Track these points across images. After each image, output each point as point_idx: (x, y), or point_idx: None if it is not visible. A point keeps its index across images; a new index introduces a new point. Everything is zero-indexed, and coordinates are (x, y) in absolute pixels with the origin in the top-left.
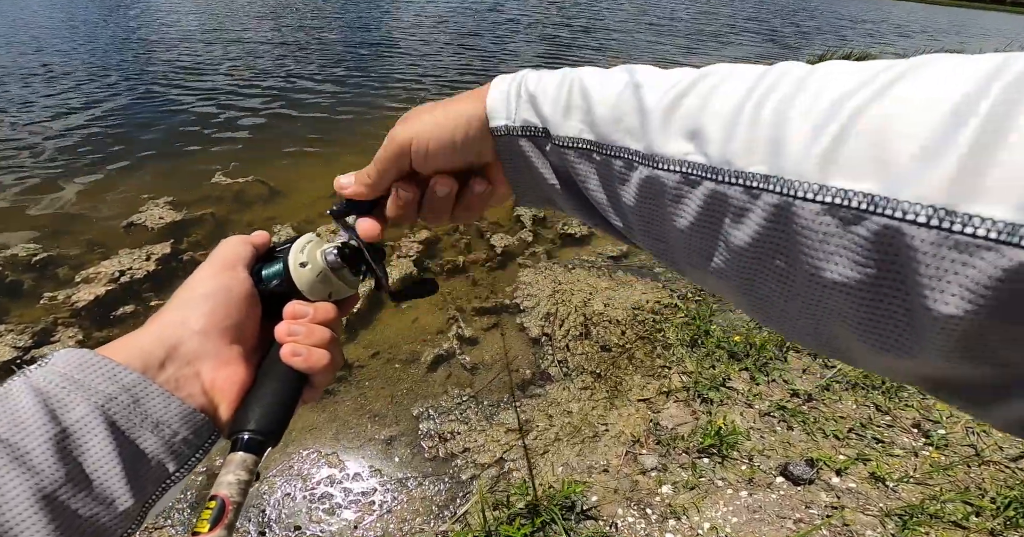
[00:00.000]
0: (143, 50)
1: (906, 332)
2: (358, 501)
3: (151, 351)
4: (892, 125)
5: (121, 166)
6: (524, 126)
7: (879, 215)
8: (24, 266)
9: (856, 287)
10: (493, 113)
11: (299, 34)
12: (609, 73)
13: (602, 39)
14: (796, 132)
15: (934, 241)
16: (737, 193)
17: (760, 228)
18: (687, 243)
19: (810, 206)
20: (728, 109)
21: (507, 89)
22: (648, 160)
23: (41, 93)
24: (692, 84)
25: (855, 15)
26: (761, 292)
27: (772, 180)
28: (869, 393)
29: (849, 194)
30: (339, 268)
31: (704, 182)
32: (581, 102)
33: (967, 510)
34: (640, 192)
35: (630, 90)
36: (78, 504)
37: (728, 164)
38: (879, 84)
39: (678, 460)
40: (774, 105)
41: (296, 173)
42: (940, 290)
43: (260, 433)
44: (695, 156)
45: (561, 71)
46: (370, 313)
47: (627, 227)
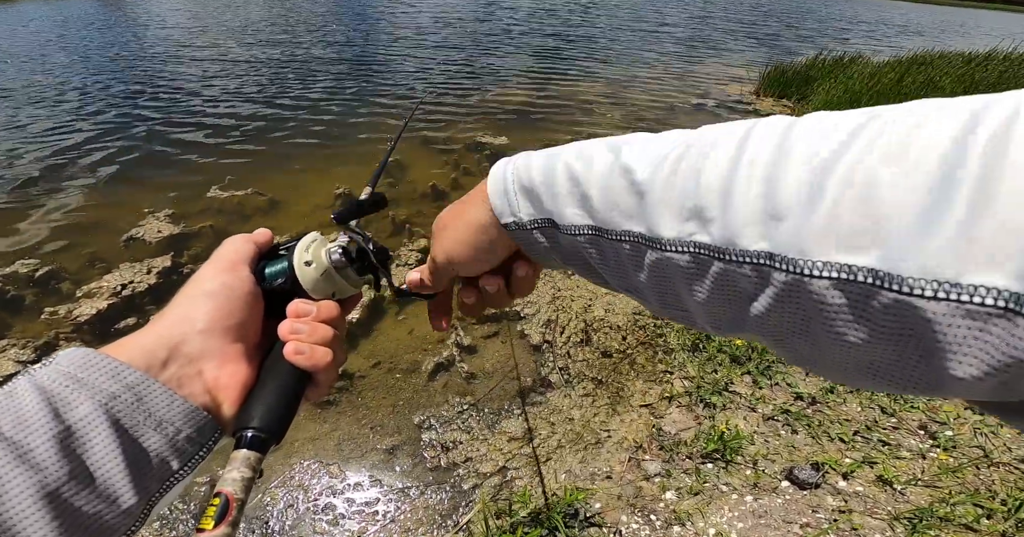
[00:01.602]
0: (139, 65)
1: (934, 387)
2: (361, 511)
3: (154, 350)
4: (879, 194)
5: (120, 180)
6: (531, 220)
7: (887, 290)
8: (25, 281)
9: (880, 350)
10: (499, 213)
11: (294, 49)
12: (593, 151)
13: (596, 48)
14: (789, 206)
15: (946, 312)
16: (747, 271)
17: (777, 302)
18: (708, 313)
19: (819, 282)
20: (719, 184)
21: (502, 187)
22: (654, 243)
23: (39, 108)
24: (679, 158)
25: (852, 16)
26: (790, 346)
27: (777, 258)
28: (874, 395)
29: (854, 269)
30: (343, 267)
31: (714, 262)
32: (573, 189)
33: (977, 512)
34: (652, 273)
35: (618, 172)
36: (81, 502)
37: (732, 244)
38: (860, 146)
39: (682, 466)
40: (761, 177)
41: (294, 184)
42: (961, 356)
43: (263, 430)
44: (700, 236)
45: (544, 156)
46: (370, 323)
47: (648, 302)
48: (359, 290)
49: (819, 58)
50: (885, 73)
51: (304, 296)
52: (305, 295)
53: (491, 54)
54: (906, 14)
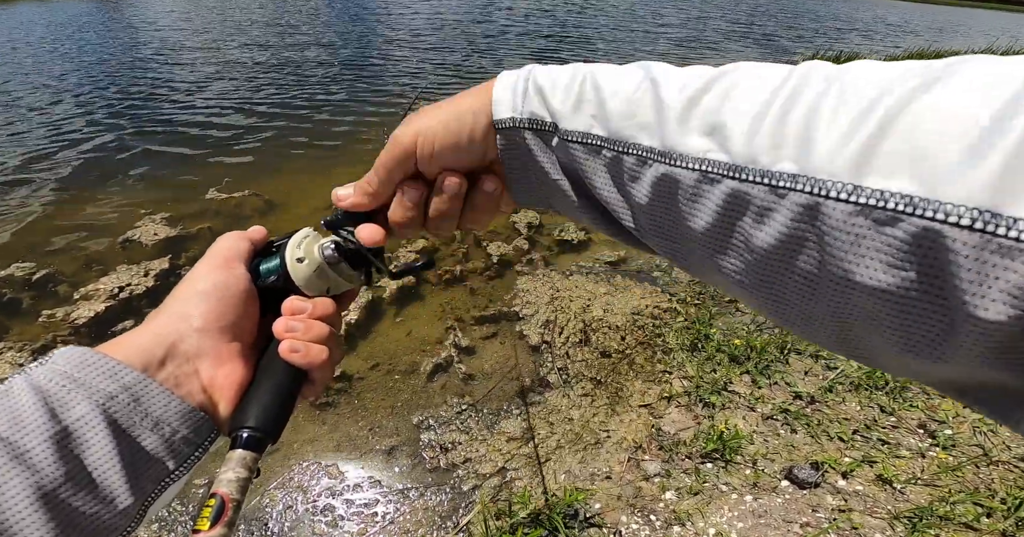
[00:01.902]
0: (135, 67)
1: (940, 336)
2: (360, 513)
3: (151, 350)
4: (934, 123)
5: (116, 183)
6: (531, 119)
7: (918, 216)
8: (22, 284)
9: (890, 290)
10: (498, 105)
11: (289, 51)
12: (624, 68)
13: (593, 48)
14: (828, 130)
15: (976, 244)
16: (762, 192)
17: (785, 229)
18: (702, 243)
19: (842, 207)
20: (753, 106)
21: (514, 82)
22: (663, 157)
23: (35, 111)
24: (712, 80)
25: (850, 16)
26: (781, 294)
27: (801, 179)
28: (873, 394)
29: (886, 195)
30: (336, 263)
31: (725, 180)
32: (593, 96)
33: (977, 511)
34: (653, 190)
35: (647, 84)
36: (78, 502)
37: (752, 162)
38: (919, 80)
39: (681, 466)
40: (804, 102)
41: (291, 186)
42: (982, 295)
43: (259, 430)
44: (716, 153)
45: (572, 65)
46: (368, 324)
47: (637, 227)
48: (354, 285)
49: (816, 57)
50: None
51: (298, 293)
52: (299, 292)
53: (488, 55)
54: (903, 14)
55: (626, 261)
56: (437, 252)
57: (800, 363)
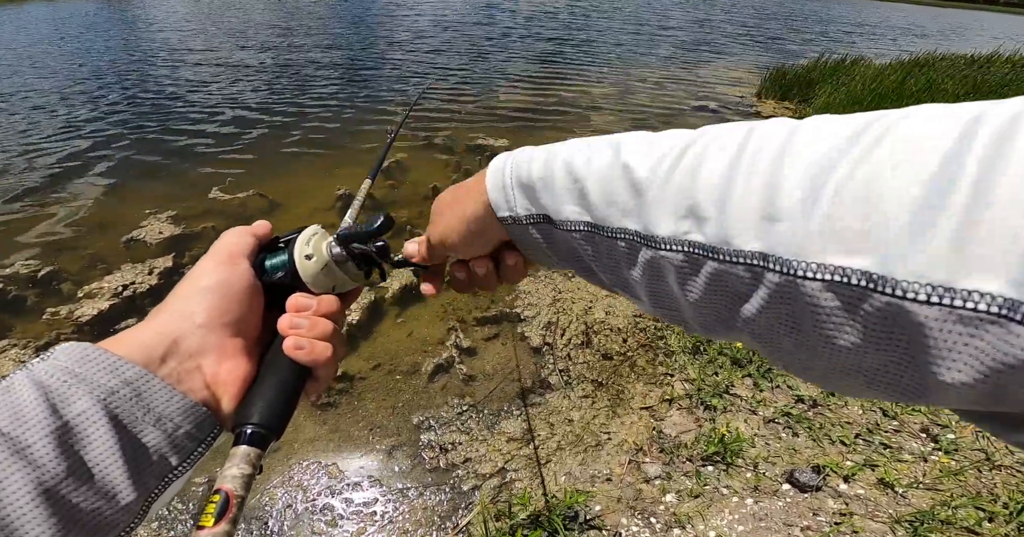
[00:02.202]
0: (142, 68)
1: (921, 390)
2: (360, 512)
3: (153, 345)
4: (878, 195)
5: (121, 182)
6: (527, 216)
7: (879, 293)
8: (27, 282)
9: (870, 354)
10: (496, 206)
11: (293, 52)
12: (593, 149)
13: (597, 51)
14: (787, 208)
15: (938, 317)
16: (740, 271)
17: (768, 304)
18: (699, 314)
19: (811, 284)
20: (718, 182)
21: (501, 181)
22: (649, 241)
23: (40, 111)
24: (680, 156)
25: (856, 19)
26: (782, 350)
27: (771, 259)
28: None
29: (847, 271)
30: (344, 261)
31: (707, 261)
32: (572, 185)
33: (979, 515)
34: (646, 271)
35: (618, 170)
36: (80, 498)
37: (726, 243)
38: (861, 148)
39: (682, 468)
40: (760, 179)
41: (295, 186)
42: (951, 361)
43: (263, 426)
44: (694, 235)
45: (545, 152)
46: (370, 325)
47: (638, 299)
48: (359, 284)
49: (820, 60)
50: (887, 75)
51: (304, 290)
52: (305, 289)
53: (492, 57)
54: (909, 17)
55: None
56: None
57: None
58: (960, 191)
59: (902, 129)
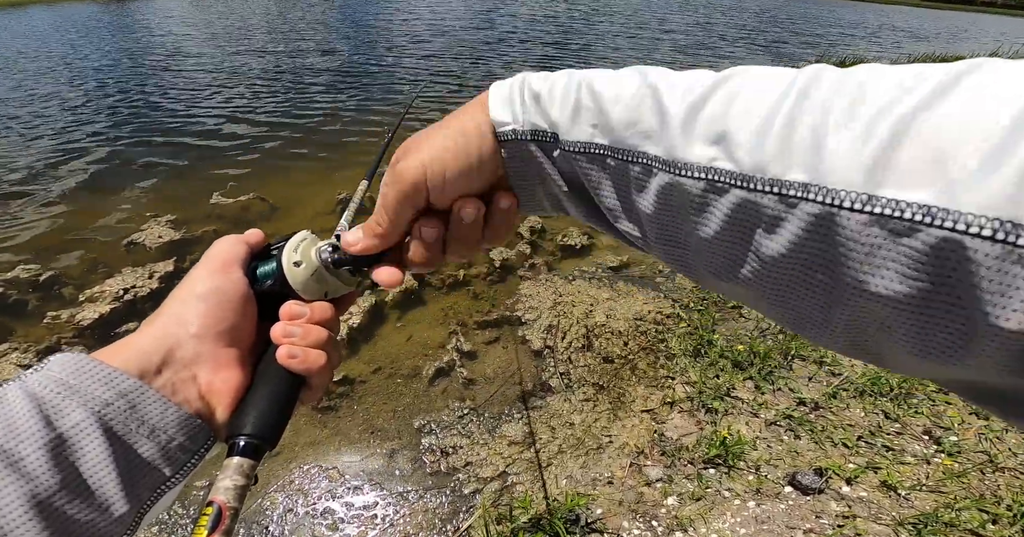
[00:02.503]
0: (140, 74)
1: (958, 344)
2: (360, 516)
3: (147, 356)
4: (951, 130)
5: (122, 186)
6: (532, 130)
7: (936, 227)
8: (28, 286)
9: (907, 300)
10: (498, 119)
11: (293, 57)
12: (619, 74)
13: (597, 54)
14: (840, 137)
15: (998, 255)
16: (771, 202)
17: (797, 239)
18: (710, 252)
19: (856, 216)
20: (760, 113)
21: (508, 92)
22: (669, 166)
23: (42, 115)
24: (715, 85)
25: (858, 21)
26: (795, 303)
27: (813, 189)
28: (877, 400)
29: (902, 205)
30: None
31: (733, 190)
32: (592, 104)
33: (983, 518)
34: (659, 199)
35: (646, 91)
36: (73, 510)
37: (761, 171)
38: (931, 86)
39: (683, 471)
40: (812, 108)
41: (296, 190)
42: (1003, 305)
43: (257, 437)
44: (722, 162)
45: (566, 72)
46: (371, 328)
47: (642, 234)
48: (353, 289)
49: (821, 62)
50: None
51: (296, 297)
52: (297, 296)
53: (492, 61)
54: (910, 19)
55: (629, 266)
56: None
57: (804, 369)
58: None
59: (979, 75)
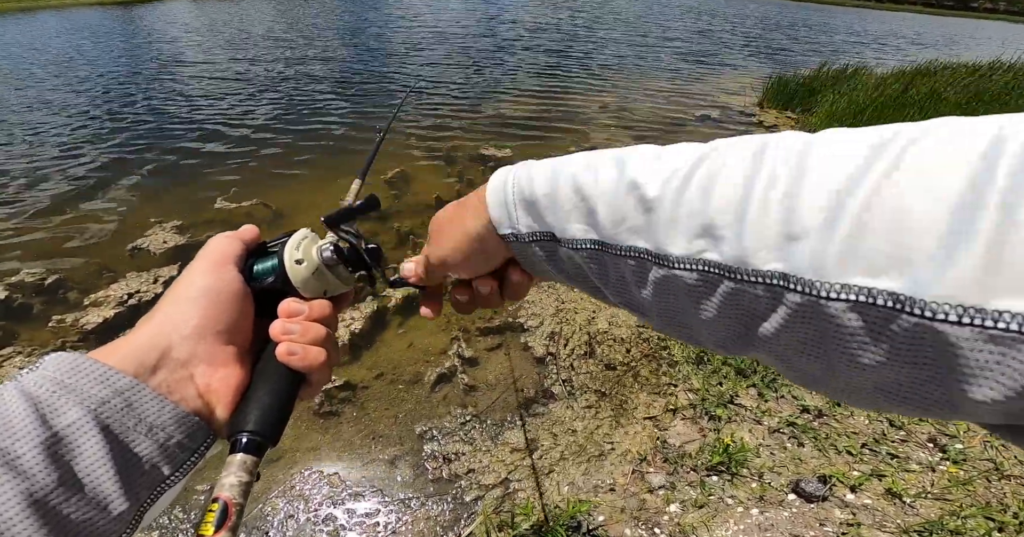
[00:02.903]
0: (146, 80)
1: (947, 409)
2: (362, 522)
3: (144, 355)
4: (904, 217)
5: (127, 191)
6: (530, 233)
7: (908, 313)
8: (32, 290)
9: (895, 374)
10: (497, 223)
11: (296, 64)
12: (599, 165)
13: (599, 61)
14: (808, 228)
15: (969, 337)
16: (760, 291)
17: (788, 323)
18: (713, 331)
19: (836, 304)
20: (734, 202)
21: (502, 197)
22: (662, 260)
23: (48, 120)
24: (690, 173)
25: (862, 30)
26: (799, 368)
27: (792, 279)
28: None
29: (873, 292)
30: (335, 265)
31: (724, 281)
32: (579, 203)
33: (989, 525)
34: (657, 290)
35: (625, 188)
36: (71, 509)
37: (743, 263)
38: (882, 168)
39: (686, 478)
40: (778, 197)
41: (299, 196)
42: (983, 379)
43: (258, 434)
44: (709, 254)
45: (548, 168)
46: (373, 334)
47: (647, 316)
48: (351, 287)
49: (822, 70)
50: (889, 84)
51: (295, 294)
52: (296, 293)
53: (494, 69)
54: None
55: None
56: None
57: None
58: (989, 210)
59: (922, 147)
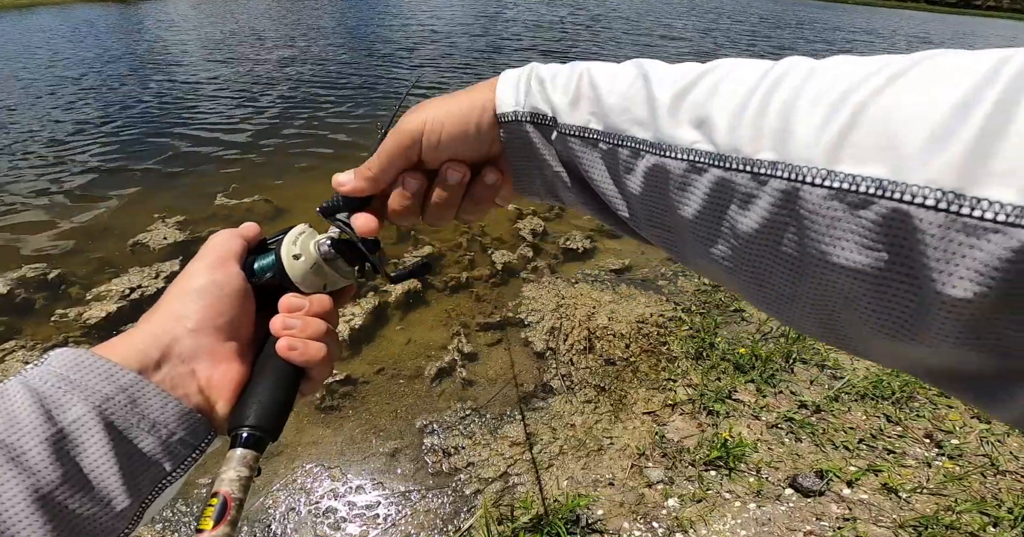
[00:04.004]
0: (146, 76)
1: (913, 315)
2: (362, 515)
3: (146, 351)
4: (901, 112)
5: (129, 188)
6: (532, 112)
7: (887, 199)
8: (35, 285)
9: (864, 270)
10: (502, 100)
11: (297, 59)
12: (619, 67)
13: (599, 60)
14: (804, 120)
15: (942, 224)
16: (744, 179)
17: (767, 214)
18: (693, 231)
19: (817, 191)
20: (736, 98)
21: (517, 77)
22: (655, 148)
23: (50, 117)
24: (700, 76)
25: (868, 27)
26: (768, 280)
27: (780, 166)
28: (879, 404)
29: (857, 179)
30: (333, 259)
31: (711, 169)
32: (590, 92)
33: (984, 521)
34: (646, 180)
35: (640, 81)
36: (75, 504)
37: (735, 151)
38: (887, 74)
39: (684, 473)
40: (782, 95)
41: (301, 191)
42: (948, 273)
43: (259, 429)
44: (702, 144)
45: (571, 63)
46: (374, 329)
47: (632, 217)
48: (351, 281)
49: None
50: None
51: (294, 290)
52: (295, 289)
53: (495, 66)
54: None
55: (631, 269)
56: (442, 258)
57: (805, 372)
58: (984, 107)
59: (931, 62)
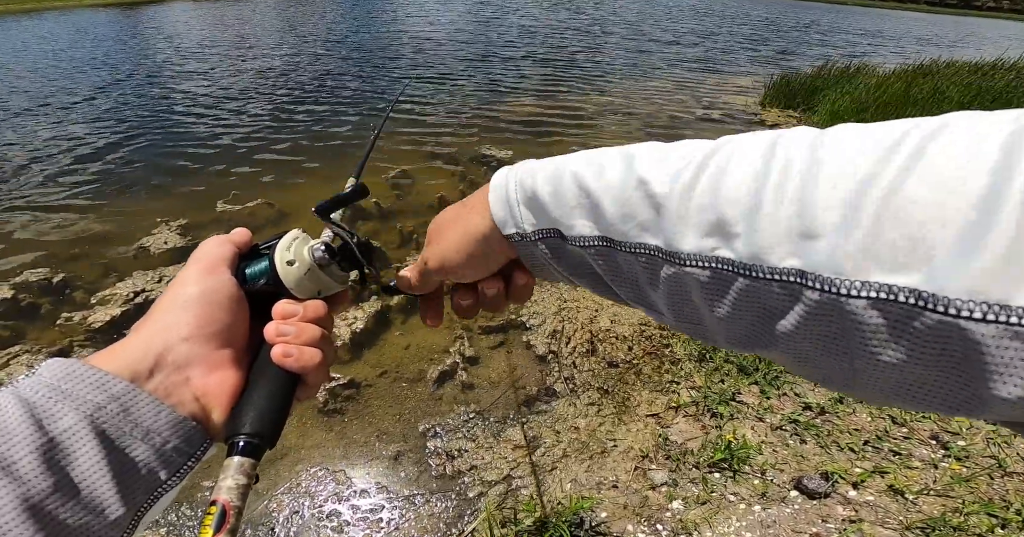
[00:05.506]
0: (150, 81)
1: (971, 405)
2: (366, 518)
3: (139, 359)
4: (923, 212)
5: (133, 192)
6: (535, 231)
7: (931, 311)
8: (39, 289)
9: (920, 370)
10: (501, 223)
11: (302, 64)
12: (603, 161)
13: (601, 62)
14: (824, 223)
15: (995, 334)
16: (776, 289)
17: (806, 321)
18: (727, 329)
19: (856, 302)
20: (743, 198)
21: (504, 195)
22: (673, 257)
23: (53, 122)
24: (699, 169)
25: (875, 29)
26: (819, 366)
27: (810, 277)
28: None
29: (894, 289)
30: (327, 264)
31: (738, 278)
32: (583, 200)
33: (991, 522)
34: (668, 287)
35: (633, 183)
36: (67, 514)
37: (759, 260)
38: (900, 162)
39: (688, 475)
40: (792, 191)
41: (303, 195)
42: (1008, 376)
43: (256, 436)
44: (722, 251)
45: (550, 165)
46: (376, 333)
47: (658, 313)
48: (346, 287)
49: (825, 68)
50: (891, 83)
51: (288, 296)
52: (289, 295)
53: (496, 70)
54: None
55: None
56: None
57: None
58: (1010, 206)
59: (941, 142)
